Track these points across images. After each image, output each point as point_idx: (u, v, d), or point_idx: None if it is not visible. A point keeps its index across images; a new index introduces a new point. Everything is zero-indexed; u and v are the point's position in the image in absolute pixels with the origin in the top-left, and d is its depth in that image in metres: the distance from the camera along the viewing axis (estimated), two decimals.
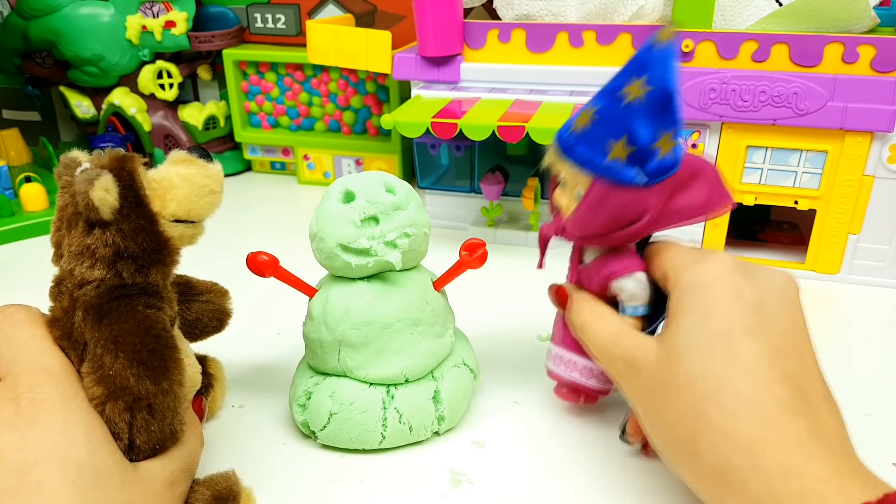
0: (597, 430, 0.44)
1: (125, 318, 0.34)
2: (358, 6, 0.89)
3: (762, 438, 0.30)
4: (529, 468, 0.41)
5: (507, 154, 0.74)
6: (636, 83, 0.35)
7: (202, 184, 0.37)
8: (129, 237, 0.35)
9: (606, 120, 0.36)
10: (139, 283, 0.35)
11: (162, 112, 0.94)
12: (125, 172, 0.35)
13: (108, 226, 0.34)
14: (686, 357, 0.33)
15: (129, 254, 0.35)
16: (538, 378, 0.49)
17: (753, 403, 0.31)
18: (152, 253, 0.36)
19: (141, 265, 0.35)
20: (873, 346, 0.55)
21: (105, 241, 0.34)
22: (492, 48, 0.70)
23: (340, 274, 0.42)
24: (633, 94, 0.35)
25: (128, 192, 0.35)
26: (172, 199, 0.36)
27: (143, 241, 0.35)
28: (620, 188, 0.36)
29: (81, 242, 0.35)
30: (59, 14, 0.87)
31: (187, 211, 0.37)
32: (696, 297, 0.35)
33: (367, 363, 0.41)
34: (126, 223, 0.34)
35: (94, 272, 0.34)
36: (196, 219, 0.38)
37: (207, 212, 0.38)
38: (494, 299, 0.61)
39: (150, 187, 0.36)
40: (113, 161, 0.35)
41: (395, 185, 0.41)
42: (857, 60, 0.58)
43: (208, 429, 0.45)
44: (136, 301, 0.35)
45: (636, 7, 0.66)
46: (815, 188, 0.62)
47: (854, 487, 0.28)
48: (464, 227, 0.76)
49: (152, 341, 0.34)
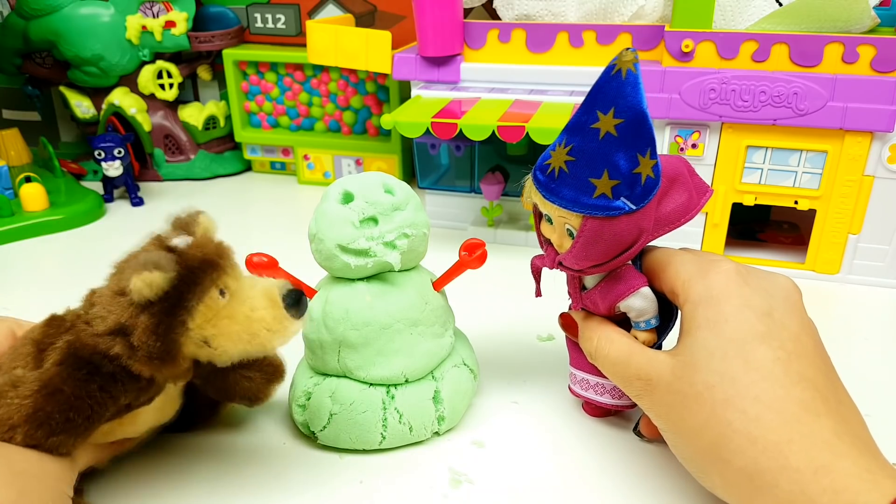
0: (597, 430, 0.44)
1: (72, 381, 0.33)
2: (358, 6, 0.89)
3: (787, 439, 0.30)
4: (529, 468, 0.41)
5: (507, 154, 0.74)
6: (605, 117, 0.34)
7: (257, 332, 0.34)
8: (142, 330, 0.33)
9: (584, 157, 0.35)
10: (119, 366, 0.34)
11: (162, 112, 0.94)
12: (193, 279, 0.33)
13: (133, 302, 0.33)
14: (703, 366, 0.34)
15: (132, 341, 0.33)
16: (538, 378, 0.50)
17: (774, 406, 0.31)
18: (154, 353, 0.33)
19: (132, 355, 0.34)
20: (873, 346, 0.55)
21: (121, 312, 0.33)
22: (492, 48, 0.70)
23: (340, 275, 0.42)
24: (605, 128, 0.34)
25: (173, 297, 0.33)
26: (216, 327, 0.34)
27: (151, 340, 0.33)
28: (613, 220, 0.35)
29: (111, 298, 0.34)
30: (59, 14, 0.87)
31: (220, 345, 0.34)
32: (707, 310, 0.35)
33: (366, 363, 0.41)
34: (147, 317, 0.33)
35: (100, 324, 0.34)
36: (224, 359, 0.35)
37: (239, 355, 0.35)
38: (494, 299, 0.61)
39: (208, 304, 0.33)
40: (197, 260, 0.33)
41: (393, 185, 0.41)
42: (857, 60, 0.58)
43: (207, 429, 0.45)
44: (98, 377, 0.33)
45: (636, 7, 0.66)
46: (815, 188, 0.62)
47: (886, 483, 0.29)
48: (464, 227, 0.76)
49: (70, 412, 0.33)
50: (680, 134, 0.64)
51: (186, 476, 0.41)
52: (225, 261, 0.35)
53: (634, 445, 0.43)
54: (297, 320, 0.35)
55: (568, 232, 0.38)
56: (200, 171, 0.95)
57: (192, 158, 0.95)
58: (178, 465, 0.42)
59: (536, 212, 0.40)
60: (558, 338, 0.54)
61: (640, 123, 0.34)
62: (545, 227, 0.39)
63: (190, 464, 0.42)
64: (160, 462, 0.42)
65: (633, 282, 0.39)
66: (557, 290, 0.47)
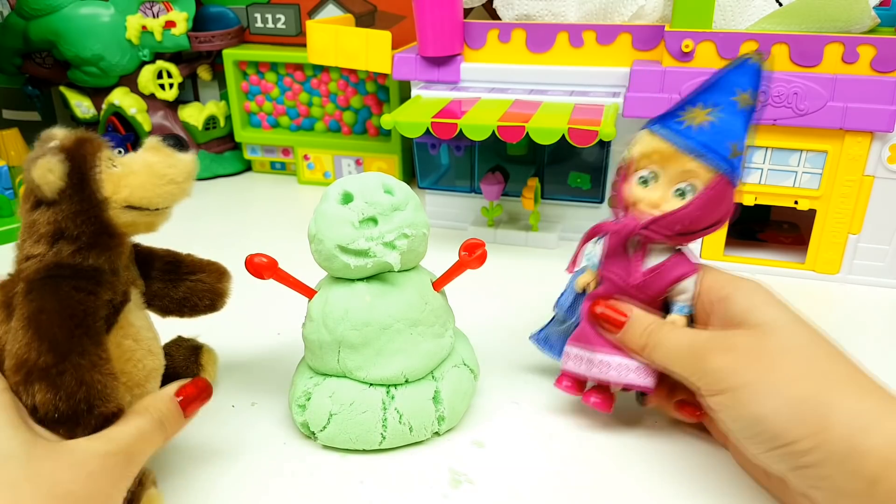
0: (596, 430, 0.44)
1: (46, 295, 0.34)
2: (358, 6, 0.89)
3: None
4: (529, 468, 0.41)
5: (507, 154, 0.74)
6: (744, 94, 0.38)
7: (162, 173, 0.37)
8: (69, 218, 0.35)
9: (724, 122, 0.38)
10: (75, 264, 0.36)
11: (162, 112, 0.94)
12: (78, 154, 0.35)
13: (52, 205, 0.35)
14: (784, 329, 0.37)
15: (69, 234, 0.35)
16: (538, 378, 0.50)
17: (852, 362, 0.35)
18: (93, 236, 0.36)
19: (79, 247, 0.36)
20: (873, 346, 0.55)
21: (47, 219, 0.35)
22: (492, 48, 0.70)
23: (339, 275, 0.42)
24: (743, 103, 0.38)
25: (74, 174, 0.35)
26: (126, 185, 0.37)
27: (83, 224, 0.36)
28: (733, 187, 0.38)
29: (28, 218, 0.36)
30: (59, 14, 0.87)
31: (140, 199, 0.37)
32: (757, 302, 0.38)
33: (366, 364, 0.41)
34: (68, 204, 0.35)
35: (36, 248, 0.35)
36: (151, 207, 0.38)
37: (165, 201, 0.38)
38: (494, 299, 0.61)
39: (106, 171, 0.36)
40: (71, 142, 0.36)
41: (393, 185, 0.41)
42: (857, 60, 0.58)
43: (208, 429, 0.45)
44: (64, 281, 0.35)
45: (636, 7, 0.66)
46: (815, 188, 0.62)
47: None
48: (464, 227, 0.76)
49: (64, 320, 0.34)
50: None
51: (186, 476, 0.41)
52: (94, 138, 0.37)
53: (634, 446, 0.43)
54: (186, 153, 0.39)
55: (678, 192, 0.39)
56: (200, 171, 0.93)
57: None
58: (178, 465, 0.42)
59: (625, 172, 0.41)
60: None
61: (754, 112, 0.39)
62: (637, 188, 0.40)
63: (190, 464, 0.42)
64: (160, 462, 0.42)
65: (694, 263, 0.41)
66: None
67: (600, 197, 0.72)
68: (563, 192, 0.73)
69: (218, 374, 0.49)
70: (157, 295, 0.44)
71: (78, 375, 0.33)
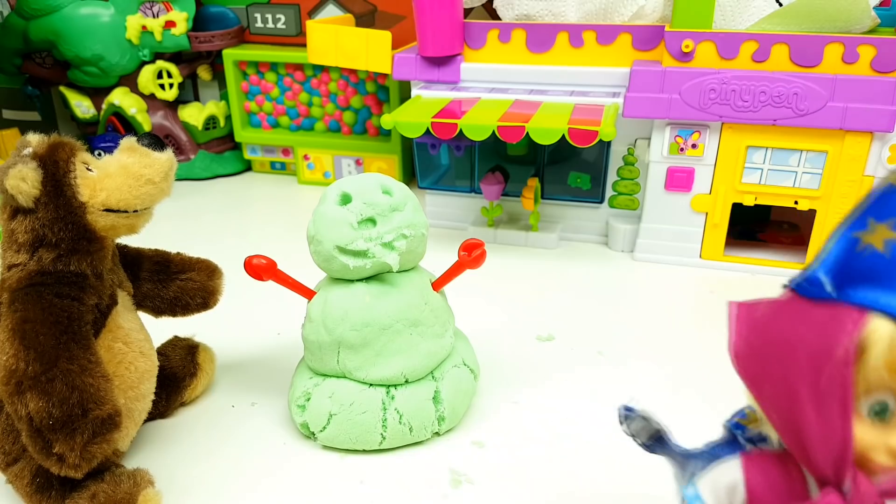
0: (596, 431, 0.44)
1: (29, 305, 0.34)
2: (358, 6, 0.89)
3: None
4: (529, 468, 0.41)
5: (507, 154, 0.74)
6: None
7: (139, 174, 0.37)
8: (48, 226, 0.35)
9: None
10: (57, 271, 0.36)
11: (162, 112, 0.94)
12: (52, 161, 0.35)
13: (30, 213, 0.35)
14: None
15: (48, 241, 0.35)
16: (538, 378, 0.50)
17: None
18: (73, 242, 0.36)
19: (60, 253, 0.36)
20: None
21: (25, 227, 0.35)
22: (492, 48, 0.70)
23: (339, 276, 0.42)
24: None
25: (49, 181, 0.35)
26: (103, 188, 0.36)
27: (62, 230, 0.35)
28: None
29: (7, 227, 0.36)
30: (59, 14, 0.87)
31: (118, 201, 0.37)
32: None
33: (366, 364, 0.41)
34: (45, 212, 0.35)
35: (17, 257, 0.35)
36: (129, 209, 0.37)
37: (144, 202, 0.38)
38: (494, 299, 0.61)
39: (82, 176, 0.36)
40: (44, 149, 0.36)
41: (391, 186, 0.41)
42: (857, 60, 0.58)
43: (208, 429, 0.45)
44: (46, 289, 0.35)
45: (636, 7, 0.66)
46: (815, 188, 0.62)
47: None
48: (464, 227, 0.76)
49: (49, 327, 0.34)
50: (680, 134, 0.64)
51: (186, 476, 0.41)
52: (68, 142, 0.37)
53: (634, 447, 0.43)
54: (163, 151, 0.38)
55: None
56: (200, 171, 0.95)
57: (192, 158, 0.95)
58: (177, 464, 0.42)
59: (850, 402, 0.21)
60: (558, 338, 0.54)
61: None
62: (870, 429, 0.22)
63: (189, 464, 0.42)
64: (160, 462, 0.42)
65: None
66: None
67: (600, 197, 0.72)
68: (563, 192, 0.73)
69: (216, 373, 0.49)
70: (148, 296, 0.43)
71: (68, 381, 0.33)
